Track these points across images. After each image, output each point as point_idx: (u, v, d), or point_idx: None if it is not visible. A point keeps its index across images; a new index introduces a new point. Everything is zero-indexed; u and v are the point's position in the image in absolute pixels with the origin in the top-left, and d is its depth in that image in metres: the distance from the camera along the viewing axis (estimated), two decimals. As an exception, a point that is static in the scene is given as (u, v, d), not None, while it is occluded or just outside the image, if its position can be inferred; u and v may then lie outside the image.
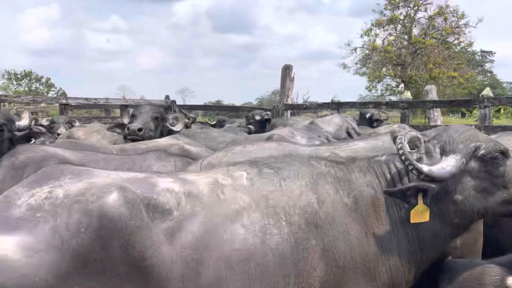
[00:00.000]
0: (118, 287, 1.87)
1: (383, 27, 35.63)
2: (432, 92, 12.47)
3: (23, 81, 56.03)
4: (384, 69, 36.57)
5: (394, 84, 38.54)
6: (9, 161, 3.39)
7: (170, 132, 5.79)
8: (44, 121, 8.30)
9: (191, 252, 1.99)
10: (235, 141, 5.13)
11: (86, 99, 11.85)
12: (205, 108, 17.25)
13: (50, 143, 4.30)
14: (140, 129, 5.43)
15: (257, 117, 9.18)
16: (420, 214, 2.33)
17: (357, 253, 2.25)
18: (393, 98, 36.84)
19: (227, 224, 2.10)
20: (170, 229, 2.01)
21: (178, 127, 5.98)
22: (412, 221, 2.33)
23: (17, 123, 4.04)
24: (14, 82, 55.24)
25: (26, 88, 53.92)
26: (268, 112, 9.87)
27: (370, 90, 39.83)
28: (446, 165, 2.32)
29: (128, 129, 5.43)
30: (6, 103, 14.14)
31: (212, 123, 10.04)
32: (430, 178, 2.28)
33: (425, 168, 2.28)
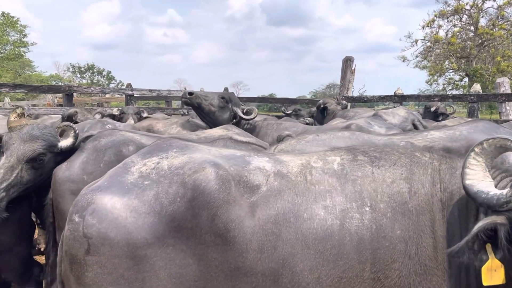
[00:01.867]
0: (203, 253, 2.02)
1: (447, 18, 34.09)
2: (505, 85, 11.68)
3: (86, 74, 59.02)
4: (446, 62, 35.05)
5: (457, 78, 36.79)
6: (92, 144, 3.62)
7: (241, 119, 5.96)
8: (115, 111, 8.60)
9: (272, 226, 2.07)
10: (306, 131, 5.14)
11: (150, 90, 12.32)
12: (262, 100, 17.28)
13: None
14: (190, 93, 5.78)
15: (319, 104, 9.06)
16: (493, 273, 1.86)
17: (440, 254, 2.06)
18: (455, 92, 35.19)
19: (308, 204, 2.14)
20: (256, 203, 2.12)
21: (251, 115, 6.04)
22: (485, 283, 1.87)
23: (60, 144, 3.72)
24: (78, 75, 58.31)
25: (89, 81, 56.80)
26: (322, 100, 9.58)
27: (430, 85, 38.30)
28: (498, 192, 1.86)
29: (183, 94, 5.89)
30: (76, 94, 14.93)
31: (288, 112, 9.99)
32: (466, 192, 1.97)
33: (467, 181, 1.95)
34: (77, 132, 3.80)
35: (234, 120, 6.04)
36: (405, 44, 36.06)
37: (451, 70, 36.09)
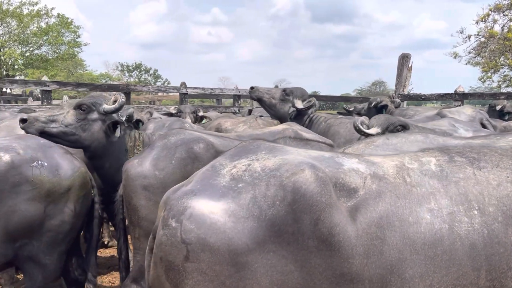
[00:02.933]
0: (306, 259, 1.93)
1: (503, 12, 32.28)
2: None
3: (133, 73, 60.73)
4: (502, 58, 33.25)
5: (514, 74, 34.81)
6: (162, 142, 3.65)
7: (298, 111, 6.36)
8: (172, 109, 8.77)
9: (376, 230, 1.98)
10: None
11: (203, 88, 12.46)
12: (320, 98, 16.82)
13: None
14: (252, 87, 6.54)
15: (373, 103, 8.73)
16: None
17: None
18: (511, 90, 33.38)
19: (412, 207, 2.04)
20: (355, 207, 2.02)
21: (303, 105, 6.39)
22: None
23: (104, 105, 4.30)
24: (126, 74, 60.11)
25: (136, 79, 58.43)
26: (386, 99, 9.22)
27: (483, 82, 36.48)
28: None
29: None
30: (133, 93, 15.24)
31: (351, 109, 9.77)
32: None
33: None
34: (122, 101, 4.34)
35: (292, 111, 6.20)
36: (457, 40, 34.19)
37: (507, 67, 34.22)
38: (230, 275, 1.90)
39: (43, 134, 4.01)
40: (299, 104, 6.26)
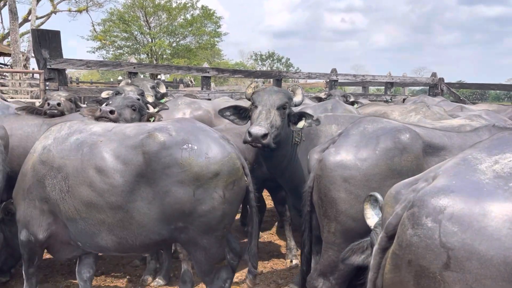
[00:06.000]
0: None
1: None
2: None
3: (266, 62, 62.33)
4: None
5: None
6: (358, 130, 3.35)
7: None
8: (322, 94, 8.62)
9: None
10: None
11: (354, 75, 12.02)
12: (481, 87, 14.83)
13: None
14: None
15: None
16: None
17: None
18: None
19: None
20: None
21: None
22: None
23: (294, 99, 4.33)
24: (260, 63, 61.96)
25: (269, 68, 59.88)
26: None
27: None
28: None
29: None
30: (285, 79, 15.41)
31: None
32: None
33: None
34: (302, 91, 4.45)
35: None
36: None
37: None
38: None
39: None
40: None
